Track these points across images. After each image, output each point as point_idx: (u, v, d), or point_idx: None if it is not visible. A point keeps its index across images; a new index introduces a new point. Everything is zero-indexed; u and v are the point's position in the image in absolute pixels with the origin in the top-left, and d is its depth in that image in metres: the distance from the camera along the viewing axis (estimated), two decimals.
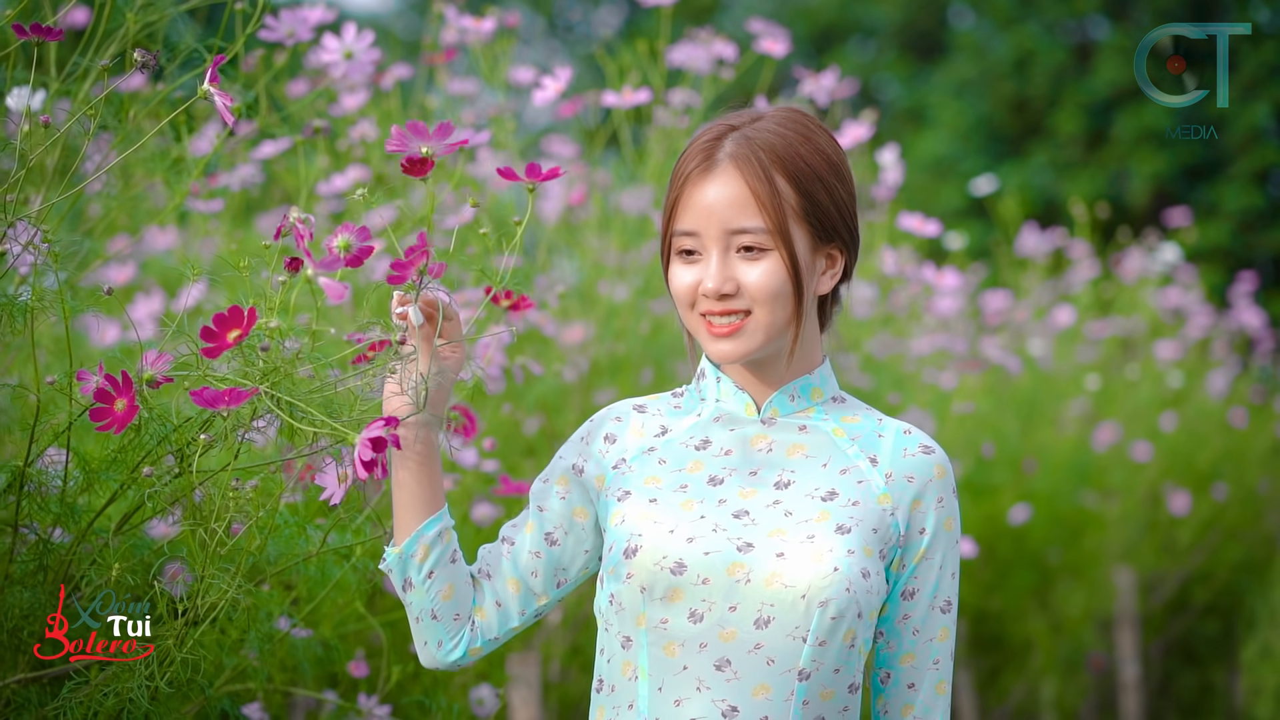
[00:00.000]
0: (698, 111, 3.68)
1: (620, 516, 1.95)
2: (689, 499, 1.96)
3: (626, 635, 1.93)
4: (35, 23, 1.99)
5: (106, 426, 1.88)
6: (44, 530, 2.23)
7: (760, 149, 1.94)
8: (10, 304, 2.04)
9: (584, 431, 2.06)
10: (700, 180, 1.94)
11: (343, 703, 2.61)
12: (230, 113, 1.92)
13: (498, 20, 3.23)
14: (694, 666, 1.91)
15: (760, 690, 1.91)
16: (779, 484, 1.98)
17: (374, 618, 2.66)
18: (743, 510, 1.95)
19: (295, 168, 3.51)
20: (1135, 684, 5.91)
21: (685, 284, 1.95)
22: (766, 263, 1.93)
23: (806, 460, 2.00)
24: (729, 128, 1.97)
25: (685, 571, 1.90)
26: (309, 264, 1.84)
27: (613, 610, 1.94)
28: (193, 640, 2.05)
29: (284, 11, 2.75)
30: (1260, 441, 6.96)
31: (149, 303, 3.53)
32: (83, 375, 1.96)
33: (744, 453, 2.00)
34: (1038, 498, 5.31)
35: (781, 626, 1.89)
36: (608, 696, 1.98)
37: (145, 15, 2.50)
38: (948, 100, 16.64)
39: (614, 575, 1.92)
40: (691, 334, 2.01)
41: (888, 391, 4.50)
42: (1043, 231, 6.65)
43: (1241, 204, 14.69)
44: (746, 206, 1.93)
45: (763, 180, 1.92)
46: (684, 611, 1.90)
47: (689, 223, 1.94)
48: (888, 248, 4.18)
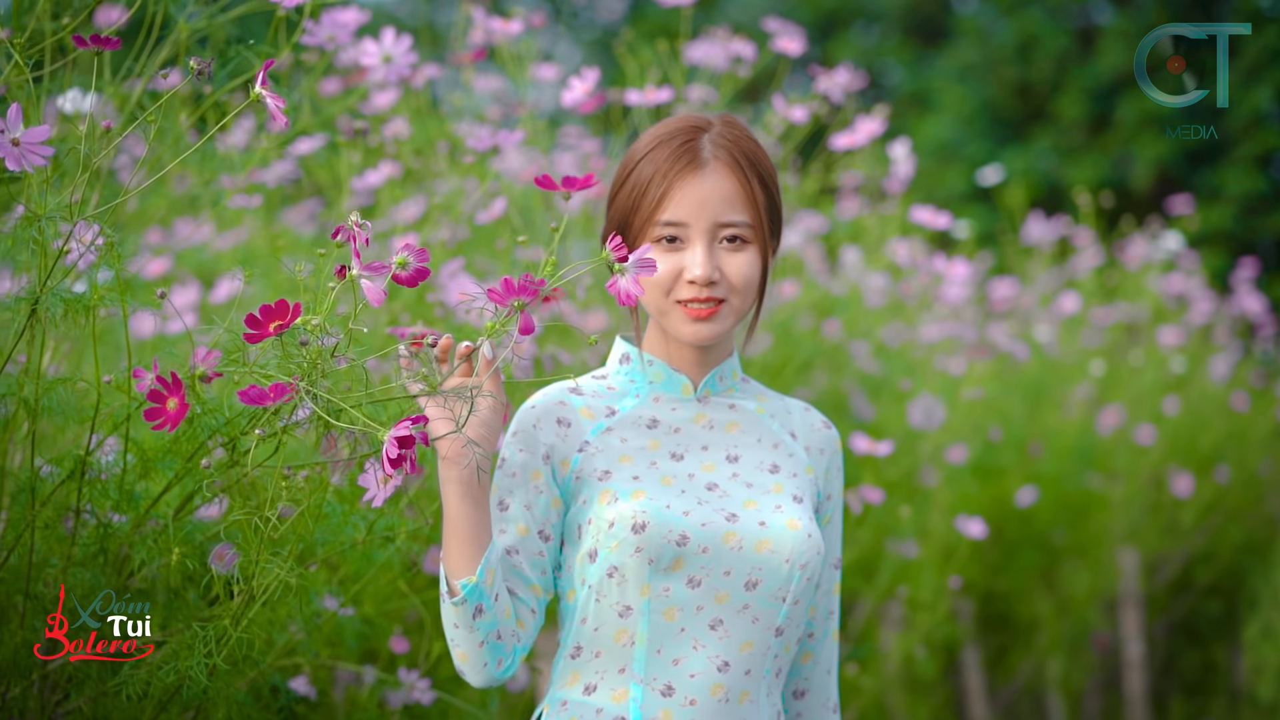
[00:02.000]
0: (715, 106, 3.78)
1: (611, 495, 2.06)
2: (664, 475, 2.10)
3: (626, 605, 2.06)
4: (95, 34, 2.06)
5: (160, 425, 1.92)
6: (103, 515, 2.31)
7: (741, 152, 2.11)
8: (77, 301, 2.10)
9: (530, 421, 2.12)
10: (692, 176, 2.08)
11: (384, 676, 2.70)
12: (282, 114, 2.01)
13: (524, 21, 3.33)
14: (690, 628, 2.07)
15: (746, 646, 2.09)
16: (730, 458, 2.16)
17: (414, 595, 2.77)
18: (712, 483, 2.12)
19: (327, 163, 3.63)
20: (1139, 662, 5.94)
21: (669, 270, 2.08)
22: (747, 254, 2.10)
23: (743, 435, 2.18)
24: (697, 129, 2.13)
25: (688, 543, 2.05)
26: (355, 264, 1.88)
27: (612, 583, 2.05)
28: (247, 620, 2.12)
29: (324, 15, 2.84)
30: (1261, 425, 6.95)
31: (185, 293, 3.64)
32: (138, 373, 2.02)
33: (690, 430, 2.16)
34: (1044, 480, 5.33)
35: (767, 589, 2.08)
36: (589, 662, 2.10)
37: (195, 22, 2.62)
38: (951, 85, 16.66)
39: (617, 550, 2.04)
40: (656, 316, 2.13)
41: (899, 378, 4.59)
42: (1047, 219, 6.70)
43: (1244, 188, 14.72)
44: (735, 202, 2.09)
45: (746, 180, 2.10)
46: (684, 579, 2.05)
47: (679, 214, 2.08)
48: (900, 239, 4.27)
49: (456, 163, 3.36)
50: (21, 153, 1.90)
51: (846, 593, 4.52)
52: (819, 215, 4.82)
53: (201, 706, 2.31)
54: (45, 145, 1.92)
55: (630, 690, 2.06)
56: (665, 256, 2.09)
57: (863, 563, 4.40)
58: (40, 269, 2.05)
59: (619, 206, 2.14)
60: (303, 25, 2.70)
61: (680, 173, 2.09)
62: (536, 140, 3.24)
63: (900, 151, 4.04)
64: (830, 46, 17.91)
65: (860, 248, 4.87)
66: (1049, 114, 16.11)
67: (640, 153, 2.14)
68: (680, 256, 2.09)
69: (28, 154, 1.91)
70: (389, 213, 3.54)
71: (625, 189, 2.13)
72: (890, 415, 4.50)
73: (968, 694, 5.25)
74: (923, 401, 4.13)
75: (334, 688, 2.80)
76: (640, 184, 2.11)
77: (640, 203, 2.10)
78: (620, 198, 2.14)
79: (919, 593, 4.38)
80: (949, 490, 4.51)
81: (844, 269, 4.99)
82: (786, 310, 4.09)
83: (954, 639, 5.07)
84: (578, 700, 2.08)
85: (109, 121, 2.17)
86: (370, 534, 2.40)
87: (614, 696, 2.07)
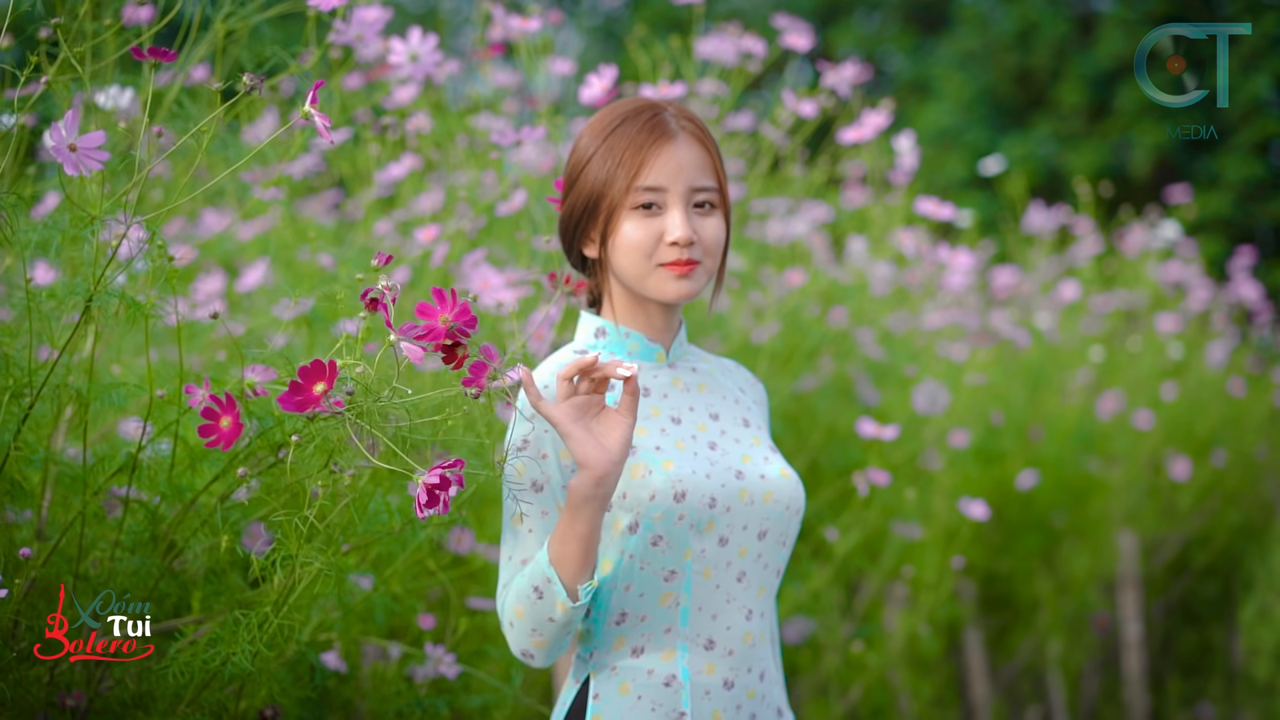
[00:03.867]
0: (726, 100, 3.88)
1: (643, 469, 2.16)
2: (676, 440, 2.21)
3: (671, 569, 2.17)
4: (153, 46, 2.13)
5: (214, 443, 1.99)
6: (151, 503, 2.39)
7: (700, 127, 2.24)
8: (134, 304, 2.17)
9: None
10: (667, 145, 2.19)
11: (411, 650, 2.79)
12: (328, 131, 2.08)
13: (542, 19, 3.42)
14: (724, 584, 2.20)
15: (760, 591, 2.25)
16: (712, 416, 2.29)
17: (441, 574, 2.86)
18: (711, 442, 2.24)
19: (349, 155, 3.73)
20: (1137, 643, 5.97)
21: (649, 234, 2.19)
22: (715, 219, 2.23)
23: (712, 395, 2.32)
24: (657, 106, 2.24)
25: (716, 505, 2.17)
26: (392, 333, 1.91)
27: (657, 551, 2.15)
28: (288, 606, 2.20)
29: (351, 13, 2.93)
30: (1258, 410, 6.99)
31: (210, 282, 3.74)
32: (190, 389, 2.10)
33: (674, 395, 2.28)
34: (1044, 464, 5.38)
35: (773, 536, 2.24)
36: (634, 626, 2.19)
37: (229, 23, 2.72)
38: (951, 72, 16.70)
39: (661, 520, 2.14)
40: (635, 282, 2.22)
41: (904, 364, 4.67)
42: (1048, 206, 6.76)
43: (1243, 174, 14.77)
44: (705, 169, 2.22)
45: (711, 150, 2.23)
46: (715, 538, 2.18)
47: (659, 179, 2.18)
48: (905, 229, 4.35)
49: (474, 155, 3.46)
50: (79, 158, 1.97)
51: (853, 572, 4.61)
52: (825, 205, 4.91)
53: (245, 685, 2.40)
54: (100, 150, 2.00)
55: (677, 649, 2.18)
56: (644, 223, 2.19)
57: (868, 544, 4.48)
58: (95, 266, 2.13)
59: (588, 183, 2.23)
60: (333, 25, 2.79)
61: (656, 142, 2.20)
62: (554, 134, 3.33)
63: (905, 144, 4.13)
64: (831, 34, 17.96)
65: (866, 237, 4.95)
66: (1049, 101, 16.16)
67: (605, 130, 2.24)
68: (658, 221, 2.20)
69: (84, 159, 1.98)
70: (409, 204, 3.64)
71: (593, 165, 2.22)
72: (895, 401, 4.58)
73: (969, 672, 5.30)
74: (927, 387, 4.21)
75: (362, 662, 2.88)
76: (614, 156, 2.20)
77: (616, 173, 2.19)
78: (589, 174, 2.23)
79: (923, 573, 4.45)
80: (952, 474, 4.59)
81: (850, 258, 5.07)
82: (794, 298, 4.18)
83: (956, 619, 5.13)
84: (627, 664, 2.18)
85: (160, 128, 2.25)
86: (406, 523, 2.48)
87: (663, 656, 2.18)
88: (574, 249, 2.30)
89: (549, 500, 2.16)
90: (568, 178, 2.28)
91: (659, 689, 2.17)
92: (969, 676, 5.31)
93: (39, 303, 2.29)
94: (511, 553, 2.18)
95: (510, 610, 2.14)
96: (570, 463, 2.16)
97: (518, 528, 2.17)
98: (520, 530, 2.17)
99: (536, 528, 2.16)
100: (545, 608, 2.09)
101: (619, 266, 2.22)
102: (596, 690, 2.19)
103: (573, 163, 2.27)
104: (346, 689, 2.86)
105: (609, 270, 2.26)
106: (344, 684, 2.85)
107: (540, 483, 2.16)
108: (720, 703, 2.19)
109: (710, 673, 2.19)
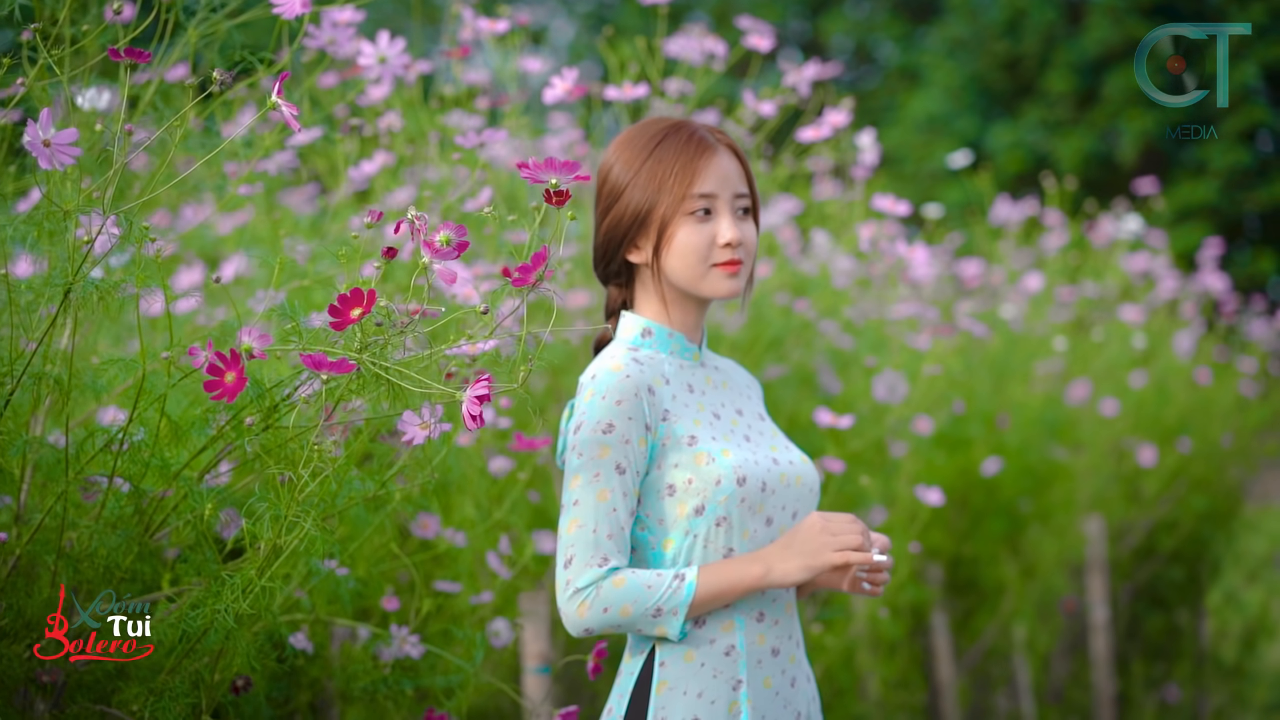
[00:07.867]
0: (691, 99, 4.00)
1: (706, 456, 2.38)
2: (724, 431, 2.45)
3: (729, 548, 2.40)
4: (129, 47, 2.25)
5: (219, 396, 2.12)
6: (137, 479, 2.46)
7: (729, 142, 2.49)
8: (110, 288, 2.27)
9: (630, 391, 2.36)
10: (711, 156, 2.43)
11: (378, 631, 2.89)
12: (296, 121, 2.20)
13: (510, 21, 3.54)
14: None
15: None
16: (737, 412, 2.52)
17: (405, 558, 2.97)
18: (746, 435, 2.48)
19: (324, 151, 3.84)
20: (1105, 626, 6.08)
21: (704, 238, 2.42)
22: (752, 225, 2.49)
23: (732, 391, 2.55)
24: (688, 123, 2.48)
25: (766, 489, 2.41)
26: (426, 252, 2.10)
27: (720, 531, 2.38)
28: (270, 571, 2.30)
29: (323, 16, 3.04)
30: (1224, 398, 7.11)
31: (191, 273, 3.85)
32: (193, 351, 2.21)
33: (708, 391, 2.50)
34: (1009, 451, 5.47)
35: (802, 515, 2.47)
36: None
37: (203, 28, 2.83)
38: (940, 60, 16.80)
39: (725, 503, 2.37)
40: (691, 284, 2.44)
41: (865, 354, 4.79)
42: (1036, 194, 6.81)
43: (1229, 162, 14.89)
44: (742, 178, 2.47)
45: (744, 161, 2.49)
46: (764, 519, 2.42)
47: (711, 186, 2.42)
48: (865, 224, 4.46)
49: (446, 153, 3.57)
50: (52, 153, 2.11)
51: None
52: (794, 198, 5.03)
53: (222, 652, 2.50)
54: (73, 146, 2.12)
55: (735, 621, 2.40)
56: (698, 228, 2.42)
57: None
58: (71, 259, 2.24)
59: (635, 197, 2.44)
60: (304, 29, 2.90)
61: (703, 154, 2.43)
62: (523, 130, 3.44)
63: (866, 140, 4.25)
64: (822, 22, 18.05)
65: (828, 231, 5.07)
66: (1037, 88, 16.26)
67: (646, 148, 2.45)
68: (710, 226, 2.43)
69: (58, 154, 2.11)
70: (382, 199, 3.75)
71: (640, 180, 2.43)
72: (858, 390, 4.69)
73: (935, 655, 5.40)
74: (886, 377, 4.33)
75: (331, 643, 2.97)
76: (664, 168, 2.43)
77: (670, 184, 2.41)
78: (635, 190, 2.44)
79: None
80: (915, 460, 4.71)
81: (814, 250, 5.18)
82: (761, 289, 4.30)
83: (922, 602, 5.24)
84: (691, 634, 2.40)
85: (131, 126, 2.35)
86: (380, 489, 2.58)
87: (722, 628, 2.40)
88: (615, 259, 2.49)
89: (630, 483, 2.36)
90: (606, 196, 2.48)
91: (720, 658, 2.39)
92: (935, 659, 5.40)
93: (19, 295, 2.40)
94: (596, 525, 2.33)
95: (616, 603, 2.31)
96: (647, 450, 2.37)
97: (601, 503, 2.34)
98: (603, 506, 2.34)
99: (620, 506, 2.34)
100: (650, 623, 2.34)
101: (674, 269, 2.44)
102: (663, 658, 2.40)
103: (612, 181, 2.47)
104: (314, 668, 2.94)
105: (661, 274, 2.46)
106: (312, 663, 2.94)
107: (624, 466, 2.35)
108: (770, 670, 2.43)
109: (761, 643, 2.42)
